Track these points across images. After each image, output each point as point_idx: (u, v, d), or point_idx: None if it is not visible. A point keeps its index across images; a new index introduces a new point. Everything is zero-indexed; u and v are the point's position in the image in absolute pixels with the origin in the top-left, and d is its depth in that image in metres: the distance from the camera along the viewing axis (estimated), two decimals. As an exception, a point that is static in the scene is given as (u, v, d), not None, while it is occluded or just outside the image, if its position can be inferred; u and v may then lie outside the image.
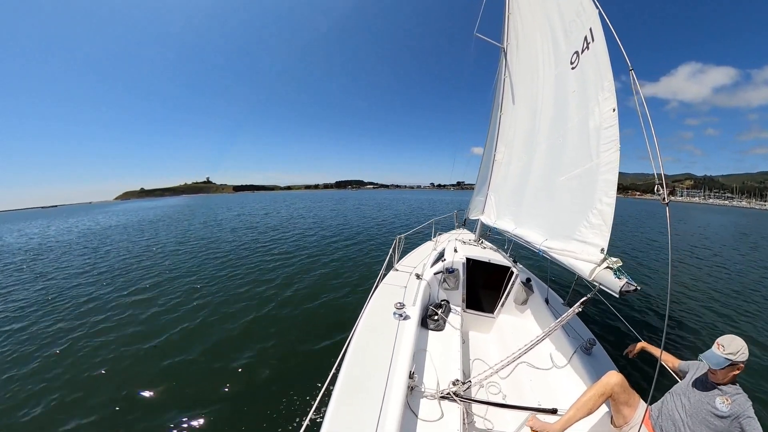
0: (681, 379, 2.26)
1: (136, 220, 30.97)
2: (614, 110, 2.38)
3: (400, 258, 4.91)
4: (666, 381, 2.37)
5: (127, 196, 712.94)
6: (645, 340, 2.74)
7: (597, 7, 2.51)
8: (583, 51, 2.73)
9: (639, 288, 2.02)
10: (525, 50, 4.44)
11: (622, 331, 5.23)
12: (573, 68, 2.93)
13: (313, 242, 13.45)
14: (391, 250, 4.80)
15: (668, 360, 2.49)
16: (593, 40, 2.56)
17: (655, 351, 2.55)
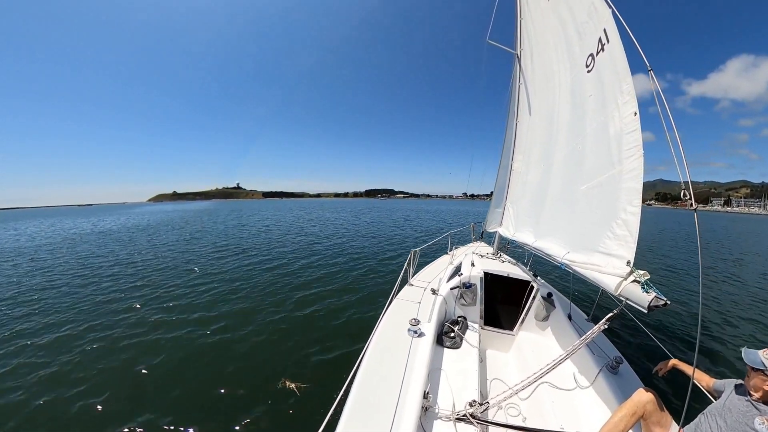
0: (716, 399, 2.11)
1: (134, 224, 30.09)
2: (636, 114, 2.28)
3: (415, 272, 4.82)
4: (699, 401, 2.23)
5: (159, 198, 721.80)
6: (676, 358, 2.60)
7: (610, 7, 2.43)
8: (598, 53, 2.64)
9: (669, 302, 1.88)
10: (539, 55, 4.35)
11: (651, 349, 4.85)
12: (588, 71, 2.83)
13: (319, 255, 12.95)
14: (405, 264, 4.72)
15: (702, 379, 2.36)
16: (608, 42, 2.47)
17: (688, 369, 2.42)
